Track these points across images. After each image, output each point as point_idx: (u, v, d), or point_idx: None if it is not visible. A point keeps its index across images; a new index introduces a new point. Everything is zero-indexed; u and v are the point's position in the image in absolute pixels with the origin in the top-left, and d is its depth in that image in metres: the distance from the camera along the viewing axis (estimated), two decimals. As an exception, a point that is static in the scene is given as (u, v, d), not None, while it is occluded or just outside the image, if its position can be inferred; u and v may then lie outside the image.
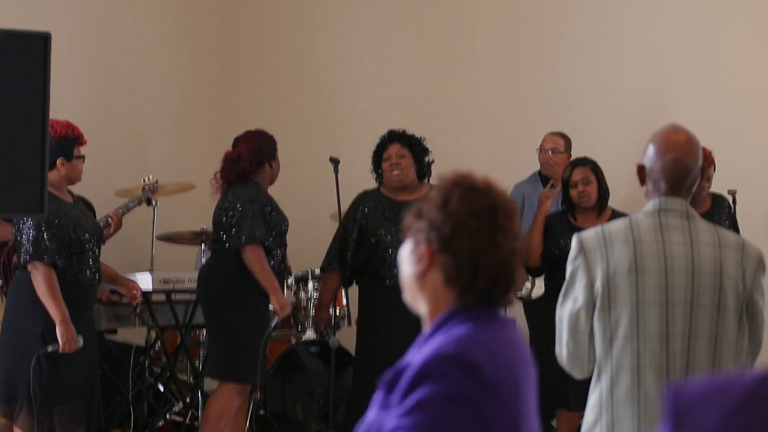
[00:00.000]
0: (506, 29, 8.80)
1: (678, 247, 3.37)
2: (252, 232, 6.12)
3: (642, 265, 3.36)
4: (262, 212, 6.18)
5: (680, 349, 3.33)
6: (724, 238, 3.41)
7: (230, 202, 6.20)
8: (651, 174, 3.44)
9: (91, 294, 5.79)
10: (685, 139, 3.46)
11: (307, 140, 8.92)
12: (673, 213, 3.41)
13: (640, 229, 3.41)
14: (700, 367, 3.32)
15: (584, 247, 3.44)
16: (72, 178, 5.69)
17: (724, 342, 3.34)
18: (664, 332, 3.34)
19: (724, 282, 3.34)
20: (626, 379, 3.35)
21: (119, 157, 7.80)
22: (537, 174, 7.82)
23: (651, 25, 8.47)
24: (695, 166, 3.44)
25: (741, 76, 8.31)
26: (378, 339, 6.36)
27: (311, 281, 7.27)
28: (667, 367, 3.32)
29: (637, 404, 3.34)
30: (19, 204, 4.31)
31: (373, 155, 6.57)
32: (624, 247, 3.38)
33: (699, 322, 3.33)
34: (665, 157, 3.43)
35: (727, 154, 7.89)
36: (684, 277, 3.35)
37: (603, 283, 3.38)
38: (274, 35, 9.24)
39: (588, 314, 3.41)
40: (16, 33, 4.33)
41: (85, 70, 7.89)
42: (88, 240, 5.69)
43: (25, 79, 4.27)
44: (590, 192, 6.55)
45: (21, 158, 4.26)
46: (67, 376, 5.55)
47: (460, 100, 8.83)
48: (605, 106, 8.41)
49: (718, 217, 6.81)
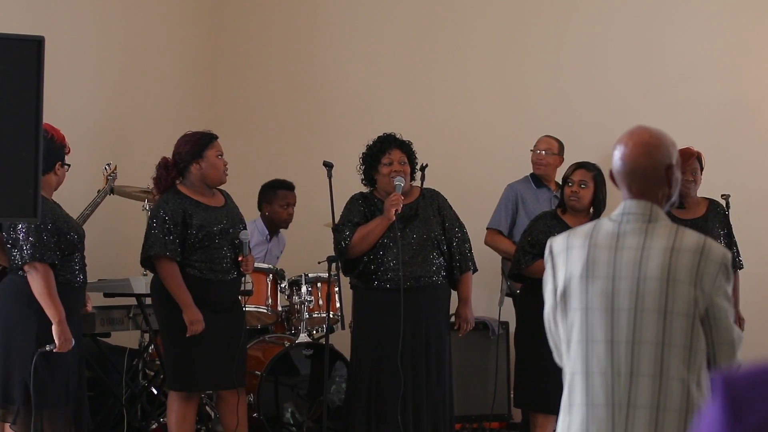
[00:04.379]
0: (501, 33, 8.81)
1: (629, 252, 3.36)
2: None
3: (593, 270, 3.37)
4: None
5: (624, 354, 3.32)
6: (681, 242, 3.34)
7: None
8: (617, 177, 3.44)
9: (79, 296, 5.85)
10: (642, 140, 3.41)
11: (300, 144, 8.92)
12: (635, 217, 3.39)
13: (599, 233, 3.41)
14: (645, 372, 3.31)
15: (552, 251, 3.48)
16: (60, 183, 5.84)
17: (671, 347, 3.30)
18: (610, 338, 3.34)
19: (671, 287, 3.30)
20: (579, 383, 3.39)
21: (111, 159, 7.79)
22: (530, 176, 7.86)
23: (645, 29, 8.48)
24: (660, 166, 3.39)
25: (735, 81, 8.32)
26: (370, 341, 6.36)
27: (304, 285, 7.28)
28: (612, 373, 3.33)
29: (587, 408, 3.36)
30: (13, 208, 4.31)
31: (366, 157, 6.54)
32: (581, 252, 3.40)
33: (644, 327, 3.32)
34: (625, 159, 3.40)
35: (721, 158, 7.91)
36: (630, 283, 3.34)
37: (562, 287, 3.42)
38: (267, 40, 9.24)
39: (554, 318, 3.46)
40: (10, 37, 4.33)
41: (79, 74, 7.89)
42: (78, 241, 5.76)
43: (18, 84, 4.26)
44: (582, 195, 6.57)
45: (14, 163, 4.25)
46: (60, 379, 5.58)
47: (454, 104, 8.84)
48: (598, 110, 8.42)
49: (713, 222, 6.82)
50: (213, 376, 6.25)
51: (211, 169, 6.27)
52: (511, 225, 7.71)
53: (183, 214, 6.20)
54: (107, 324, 6.90)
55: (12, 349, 5.58)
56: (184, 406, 6.27)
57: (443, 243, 6.47)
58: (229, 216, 6.34)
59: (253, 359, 7.03)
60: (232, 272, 6.29)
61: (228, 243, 6.28)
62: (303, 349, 7.27)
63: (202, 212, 6.24)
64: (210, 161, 6.28)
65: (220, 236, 6.26)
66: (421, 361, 6.32)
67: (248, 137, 8.97)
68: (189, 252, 6.21)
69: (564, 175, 6.72)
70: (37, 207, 4.26)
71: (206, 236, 6.22)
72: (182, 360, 6.22)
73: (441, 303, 6.49)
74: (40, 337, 5.51)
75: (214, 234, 6.23)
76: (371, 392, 6.30)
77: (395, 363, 6.25)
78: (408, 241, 6.39)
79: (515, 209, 7.72)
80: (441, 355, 6.41)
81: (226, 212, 6.34)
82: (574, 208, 6.59)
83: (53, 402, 5.57)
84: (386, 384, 6.26)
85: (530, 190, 7.75)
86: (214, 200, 6.36)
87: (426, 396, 6.32)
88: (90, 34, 8.10)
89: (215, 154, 6.29)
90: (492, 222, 7.77)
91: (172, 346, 6.28)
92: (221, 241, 6.26)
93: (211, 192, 6.36)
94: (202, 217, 6.23)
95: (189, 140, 6.32)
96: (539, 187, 7.78)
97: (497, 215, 7.75)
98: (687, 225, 4.17)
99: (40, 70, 4.25)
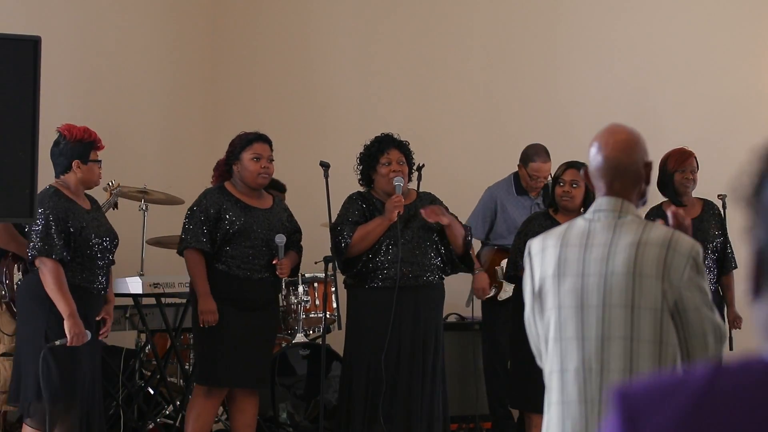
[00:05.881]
0: (497, 34, 8.81)
1: (598, 249, 3.37)
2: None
3: (563, 269, 3.39)
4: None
5: (594, 351, 3.34)
6: (648, 236, 3.35)
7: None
8: (593, 175, 3.46)
9: (93, 301, 5.80)
10: (619, 138, 3.43)
11: (297, 145, 8.92)
12: (606, 214, 3.40)
13: (571, 233, 3.44)
14: (615, 367, 3.32)
15: (530, 252, 3.51)
16: (88, 181, 5.77)
17: (640, 342, 3.31)
18: (581, 335, 3.36)
19: (638, 281, 3.31)
20: (555, 381, 3.42)
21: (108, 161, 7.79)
22: (512, 177, 7.56)
23: (641, 31, 8.49)
24: (632, 164, 3.40)
25: (731, 81, 8.33)
26: (365, 339, 6.36)
27: (301, 285, 7.28)
28: (583, 370, 3.35)
29: (561, 406, 3.39)
30: (9, 209, 4.31)
31: (364, 157, 6.52)
32: (553, 251, 3.43)
33: (612, 323, 3.33)
34: (598, 156, 3.42)
35: (717, 157, 7.91)
36: (597, 279, 3.36)
37: (538, 287, 3.45)
38: (264, 41, 9.24)
39: (533, 318, 3.49)
40: (6, 37, 4.33)
41: (75, 74, 7.89)
42: (97, 247, 5.74)
43: (14, 84, 4.27)
44: (574, 194, 6.56)
45: (11, 163, 4.26)
46: (68, 374, 5.58)
47: (450, 105, 8.85)
48: (596, 109, 8.42)
49: (708, 222, 6.83)
50: (236, 373, 6.26)
51: (245, 172, 6.32)
52: (487, 231, 7.54)
53: (219, 209, 6.27)
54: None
55: (24, 345, 5.64)
56: (203, 402, 6.31)
57: (440, 244, 6.46)
58: (270, 219, 6.38)
59: (249, 359, 7.03)
60: (263, 272, 6.31)
61: (262, 244, 6.31)
62: (300, 350, 7.27)
63: (240, 210, 6.29)
64: (244, 164, 6.32)
65: (254, 236, 6.29)
66: (418, 360, 6.32)
67: (245, 137, 8.97)
68: (220, 247, 6.26)
69: (554, 175, 6.67)
70: (33, 207, 4.26)
71: (238, 233, 6.26)
72: (207, 354, 6.27)
73: (437, 303, 6.49)
74: (50, 333, 5.52)
75: (247, 232, 6.27)
76: (367, 391, 6.30)
77: (392, 361, 6.25)
78: (405, 240, 6.39)
79: (493, 217, 7.52)
80: (437, 354, 6.41)
81: (268, 214, 6.38)
82: (567, 207, 6.58)
83: (62, 397, 5.58)
84: (381, 383, 6.26)
85: (511, 197, 7.49)
86: (260, 202, 6.41)
87: (421, 395, 6.32)
88: (86, 33, 8.10)
89: (250, 156, 6.31)
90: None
91: (198, 339, 6.38)
92: (254, 241, 6.30)
93: (258, 193, 6.42)
94: (238, 215, 6.28)
95: (234, 141, 6.41)
96: (520, 194, 7.47)
97: (473, 222, 7.42)
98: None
99: (37, 69, 4.26)
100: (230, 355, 6.21)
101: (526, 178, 7.42)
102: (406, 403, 6.29)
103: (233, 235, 6.26)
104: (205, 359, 6.31)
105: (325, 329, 6.95)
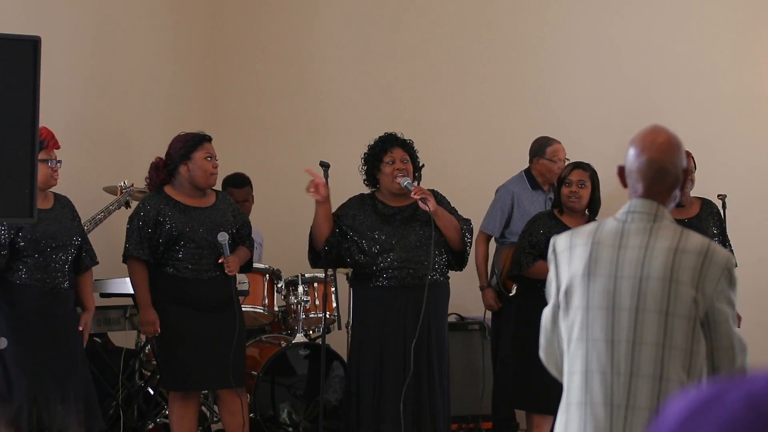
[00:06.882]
0: (494, 32, 8.81)
1: (633, 251, 3.33)
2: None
3: (595, 269, 3.34)
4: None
5: (624, 354, 3.30)
6: (685, 243, 3.31)
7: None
8: (629, 175, 3.40)
9: (52, 300, 5.88)
10: (663, 140, 3.39)
11: (297, 144, 8.92)
12: (640, 216, 3.36)
13: (603, 232, 3.38)
14: (645, 373, 3.28)
15: (555, 249, 3.46)
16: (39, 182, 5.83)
17: (671, 349, 3.28)
18: (610, 337, 3.32)
19: (674, 288, 3.28)
20: (577, 382, 3.36)
21: (108, 159, 7.79)
22: (524, 174, 7.62)
23: (640, 29, 8.49)
24: (674, 168, 3.37)
25: (730, 80, 8.33)
26: (371, 339, 6.35)
27: (301, 285, 7.29)
28: (611, 373, 3.30)
29: (584, 407, 3.33)
30: (9, 209, 4.31)
31: (368, 156, 6.51)
32: (584, 250, 3.37)
33: (644, 327, 3.29)
34: (641, 157, 3.36)
35: (716, 158, 7.92)
36: (632, 282, 3.31)
37: (566, 286, 3.40)
38: (263, 40, 9.24)
39: (555, 315, 3.44)
40: (6, 37, 4.33)
41: (75, 74, 7.88)
42: (49, 246, 5.82)
43: (14, 84, 4.26)
44: (582, 194, 6.56)
45: (10, 163, 4.26)
46: (6, 377, 5.67)
47: (448, 103, 8.85)
48: (592, 109, 8.42)
49: (706, 222, 6.82)
50: (205, 375, 6.28)
51: (198, 171, 6.29)
52: (503, 228, 7.56)
53: (157, 215, 6.26)
54: (103, 324, 6.92)
55: None
56: (182, 405, 6.34)
57: (443, 242, 6.43)
58: (213, 217, 6.36)
59: (249, 359, 7.03)
60: (212, 272, 6.30)
61: (207, 244, 6.30)
62: (300, 350, 7.27)
63: (179, 213, 6.29)
64: (197, 163, 6.29)
65: (197, 237, 6.28)
66: (422, 359, 6.31)
67: (245, 137, 8.98)
68: (166, 252, 6.26)
69: (560, 176, 6.67)
70: (33, 207, 4.26)
71: (181, 236, 6.25)
72: (172, 360, 6.32)
73: (441, 301, 6.47)
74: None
75: (190, 234, 6.26)
76: (375, 390, 6.28)
77: (398, 361, 6.24)
78: (409, 240, 6.37)
79: (510, 212, 7.55)
80: (441, 353, 6.39)
81: (210, 213, 6.36)
82: (573, 208, 6.57)
83: (5, 398, 5.68)
84: (387, 382, 6.25)
85: (526, 192, 7.54)
86: (202, 201, 6.39)
87: (428, 394, 6.31)
88: (86, 33, 8.10)
89: (203, 156, 6.30)
90: (484, 224, 7.57)
91: (160, 346, 6.43)
92: (199, 242, 6.29)
93: (201, 193, 6.39)
94: (177, 218, 6.27)
95: (179, 141, 6.36)
96: (535, 189, 7.53)
97: (492, 219, 7.52)
98: (681, 224, 4.16)
99: (36, 70, 4.25)
100: (195, 358, 6.23)
101: (542, 170, 7.47)
102: (413, 402, 6.28)
103: (176, 238, 6.25)
104: (171, 365, 6.34)
105: (325, 329, 6.95)
